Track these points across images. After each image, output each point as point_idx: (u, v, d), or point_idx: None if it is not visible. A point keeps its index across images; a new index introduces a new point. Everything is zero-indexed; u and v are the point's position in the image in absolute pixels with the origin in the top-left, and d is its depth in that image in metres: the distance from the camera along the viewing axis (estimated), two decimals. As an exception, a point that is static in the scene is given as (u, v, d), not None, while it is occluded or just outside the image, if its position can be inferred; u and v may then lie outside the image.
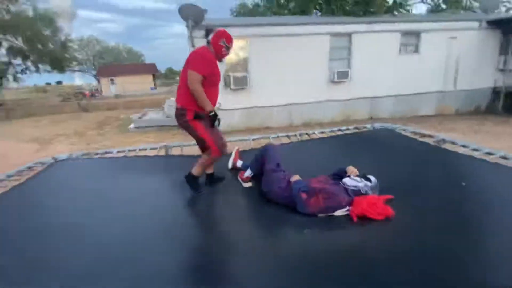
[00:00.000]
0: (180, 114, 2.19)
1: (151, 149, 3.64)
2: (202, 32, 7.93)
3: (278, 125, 9.25)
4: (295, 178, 2.10)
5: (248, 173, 2.48)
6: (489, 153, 2.92)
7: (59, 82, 58.06)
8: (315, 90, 9.24)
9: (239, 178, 2.52)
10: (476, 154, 2.93)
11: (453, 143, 3.29)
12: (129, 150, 3.61)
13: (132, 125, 9.63)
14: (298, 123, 9.43)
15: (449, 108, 10.55)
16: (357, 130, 4.25)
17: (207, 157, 2.27)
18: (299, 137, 4.00)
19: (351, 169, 2.14)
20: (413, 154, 3.13)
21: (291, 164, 2.45)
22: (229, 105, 8.71)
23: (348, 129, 4.28)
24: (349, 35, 9.12)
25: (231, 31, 8.40)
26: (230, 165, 2.74)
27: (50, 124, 12.52)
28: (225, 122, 8.70)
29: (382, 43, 9.28)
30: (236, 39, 8.22)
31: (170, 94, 19.54)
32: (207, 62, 2.11)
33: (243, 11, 17.92)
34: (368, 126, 4.35)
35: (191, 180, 2.28)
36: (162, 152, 3.64)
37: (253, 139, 3.93)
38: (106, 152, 3.56)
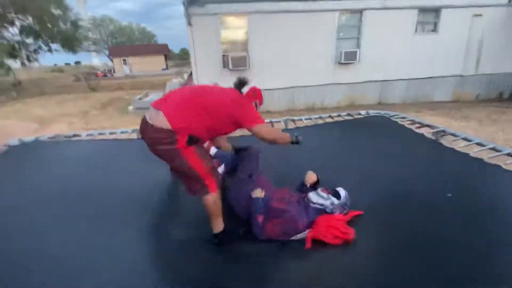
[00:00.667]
0: (163, 137, 1.50)
1: (121, 132, 3.44)
2: (201, 9, 7.49)
3: (279, 109, 8.86)
4: (256, 194, 1.77)
5: (221, 169, 2.17)
6: (494, 149, 2.51)
7: (77, 62, 58.99)
8: (320, 72, 8.69)
9: None
10: (477, 150, 2.52)
11: (453, 135, 2.87)
12: (98, 134, 3.44)
13: (131, 107, 9.52)
14: (300, 107, 9.00)
15: (468, 94, 9.71)
16: (350, 117, 3.86)
17: (208, 201, 1.62)
18: (282, 124, 3.67)
19: (309, 177, 1.86)
20: (404, 147, 2.76)
21: (265, 156, 2.20)
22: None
23: (339, 115, 3.90)
24: (360, 11, 8.37)
25: (228, 7, 7.86)
26: None
27: (57, 103, 12.66)
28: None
29: (397, 21, 8.47)
30: (235, 16, 7.85)
31: (177, 75, 19.29)
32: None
33: None
34: (363, 112, 3.94)
35: (220, 240, 1.67)
36: (134, 136, 3.44)
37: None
38: (75, 135, 3.40)
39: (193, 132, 1.53)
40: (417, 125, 3.27)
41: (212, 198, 1.61)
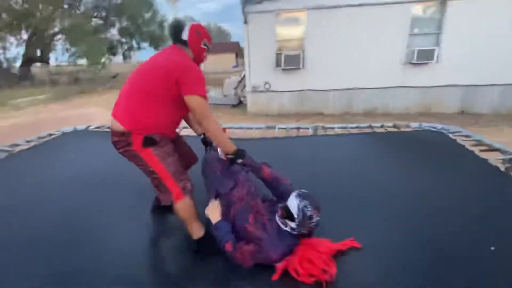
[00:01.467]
0: (121, 141, 1.46)
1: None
2: (258, 7, 7.43)
3: (334, 111, 8.20)
4: (213, 216, 1.49)
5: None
6: None
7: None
8: (386, 73, 7.67)
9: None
10: None
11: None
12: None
13: (190, 102, 10.17)
14: (358, 111, 8.14)
15: None
16: (395, 130, 3.24)
17: (176, 208, 1.51)
18: (310, 131, 3.29)
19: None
20: (454, 176, 2.12)
21: (288, 162, 2.05)
22: (278, 86, 8.15)
23: (382, 126, 3.30)
24: (442, 2, 7.03)
25: (287, 3, 7.57)
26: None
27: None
28: (274, 105, 8.33)
29: (493, 13, 6.83)
30: (292, 12, 7.53)
31: (238, 73, 19.84)
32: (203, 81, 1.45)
33: None
34: (414, 125, 3.26)
35: (200, 245, 1.55)
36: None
37: (256, 128, 3.45)
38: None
39: (149, 129, 1.43)
40: (483, 147, 2.51)
41: (180, 205, 1.47)
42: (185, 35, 1.50)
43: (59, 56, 27.54)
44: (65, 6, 19.13)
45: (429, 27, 7.31)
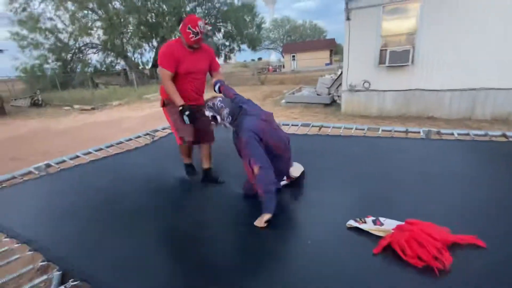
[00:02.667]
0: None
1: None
2: (362, 2, 7.04)
3: (449, 116, 7.02)
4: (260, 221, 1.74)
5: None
6: None
7: (259, 59, 70.64)
8: (530, 69, 6.06)
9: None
10: None
11: None
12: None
13: (283, 100, 10.51)
14: (485, 116, 6.72)
15: None
16: (504, 139, 2.60)
17: (179, 148, 2.49)
18: (422, 134, 2.96)
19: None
20: None
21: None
22: (380, 85, 7.53)
23: (486, 135, 2.67)
24: None
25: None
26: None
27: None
28: (372, 106, 7.74)
29: None
30: (403, 4, 6.77)
31: (338, 70, 19.11)
32: (167, 57, 2.10)
33: None
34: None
35: (186, 167, 2.55)
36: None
37: (357, 129, 3.33)
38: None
39: (164, 96, 2.30)
40: None
41: (179, 147, 2.46)
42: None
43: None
44: (183, 16, 22.66)
45: None
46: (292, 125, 3.64)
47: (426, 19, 6.61)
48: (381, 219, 1.58)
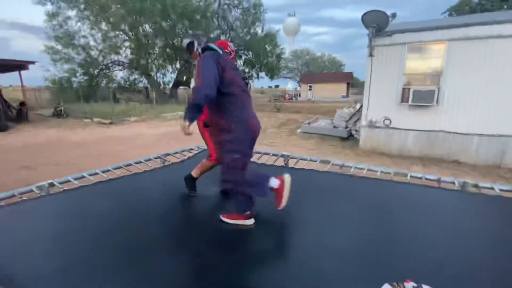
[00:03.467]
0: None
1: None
2: (386, 40, 7.02)
3: (476, 161, 6.58)
4: None
5: None
6: None
7: (276, 86, 72.49)
8: None
9: None
10: None
11: None
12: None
13: (299, 130, 10.35)
14: (515, 165, 6.26)
15: None
16: None
17: (207, 162, 2.44)
18: (456, 185, 2.64)
19: None
20: None
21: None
22: (401, 123, 7.26)
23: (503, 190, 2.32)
24: None
25: (423, 35, 7.00)
26: None
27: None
28: (393, 144, 7.43)
29: None
30: (428, 44, 6.69)
31: (356, 103, 19.05)
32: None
33: (461, 9, 13.94)
34: None
35: (188, 179, 2.49)
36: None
37: (383, 172, 3.05)
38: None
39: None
40: None
41: (210, 163, 2.45)
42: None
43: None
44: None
45: None
46: (310, 160, 3.41)
47: (453, 60, 6.46)
48: (424, 287, 1.31)
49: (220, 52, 1.96)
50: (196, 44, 1.99)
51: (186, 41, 2.05)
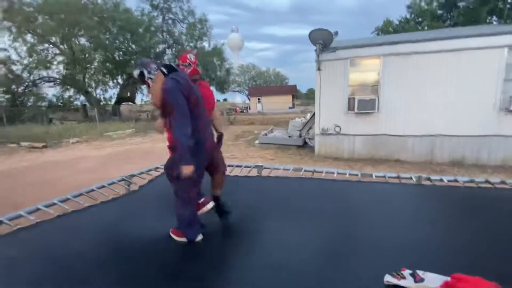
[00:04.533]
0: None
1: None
2: (331, 55, 7.74)
3: (413, 158, 7.57)
4: None
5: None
6: None
7: (225, 99, 72.80)
8: (474, 120, 6.95)
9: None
10: None
11: None
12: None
13: (257, 141, 10.58)
14: (443, 160, 7.37)
15: None
16: (488, 185, 2.82)
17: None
18: (413, 180, 3.03)
19: None
20: None
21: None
22: (350, 130, 7.99)
23: (503, 182, 2.87)
24: (546, 45, 6.35)
25: (360, 51, 7.79)
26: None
27: (204, 132, 15.67)
28: (343, 148, 8.11)
29: None
30: (366, 59, 7.60)
31: (302, 114, 20.28)
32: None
33: (386, 29, 16.30)
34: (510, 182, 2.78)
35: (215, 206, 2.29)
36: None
37: (350, 174, 3.32)
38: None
39: None
40: None
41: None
42: None
43: (144, 97, 32.01)
44: (152, 57, 22.92)
45: (530, 72, 6.57)
46: (283, 169, 3.52)
47: (386, 72, 7.43)
48: (419, 272, 1.47)
49: (177, 71, 1.91)
50: (146, 73, 1.91)
51: (136, 72, 1.95)
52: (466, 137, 7.12)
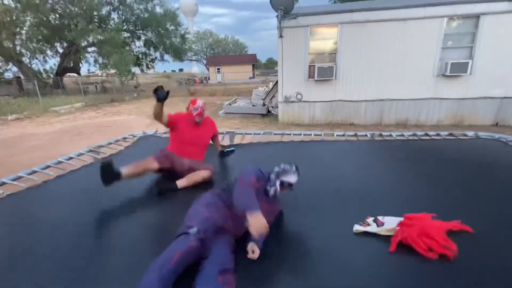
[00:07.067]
0: None
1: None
2: (292, 22, 7.80)
3: (365, 122, 8.34)
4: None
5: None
6: None
7: (181, 70, 68.65)
8: (417, 85, 7.80)
9: None
10: None
11: None
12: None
13: (221, 111, 10.55)
14: (390, 122, 8.26)
15: None
16: (451, 137, 3.39)
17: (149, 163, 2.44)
18: (368, 136, 3.48)
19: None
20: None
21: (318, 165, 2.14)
22: (310, 97, 8.40)
23: (438, 134, 3.45)
24: (476, 17, 7.18)
25: (319, 18, 7.91)
26: None
27: (164, 105, 15.03)
28: (305, 115, 8.56)
29: (530, 26, 6.91)
30: (325, 27, 7.84)
31: (263, 84, 20.33)
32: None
33: None
34: (470, 134, 3.39)
35: (109, 171, 2.10)
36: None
37: (315, 134, 3.66)
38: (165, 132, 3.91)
39: None
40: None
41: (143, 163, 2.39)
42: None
43: (91, 67, 28.79)
44: (96, 21, 20.38)
45: (461, 41, 7.43)
46: (254, 133, 3.71)
47: (343, 40, 7.79)
48: (380, 218, 1.68)
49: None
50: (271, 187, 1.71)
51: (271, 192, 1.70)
52: (409, 101, 8.00)
